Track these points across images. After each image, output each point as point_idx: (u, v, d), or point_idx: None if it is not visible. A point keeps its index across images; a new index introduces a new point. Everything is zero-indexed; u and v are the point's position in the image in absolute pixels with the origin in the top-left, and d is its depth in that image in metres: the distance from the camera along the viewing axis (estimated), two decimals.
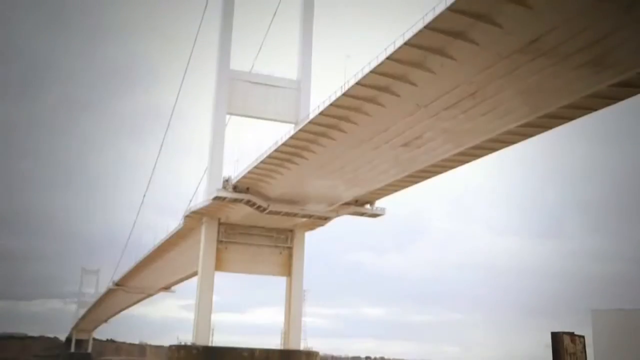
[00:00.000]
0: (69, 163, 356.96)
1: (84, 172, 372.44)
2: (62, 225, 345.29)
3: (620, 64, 25.97)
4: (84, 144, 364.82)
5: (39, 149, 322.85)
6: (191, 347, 51.06)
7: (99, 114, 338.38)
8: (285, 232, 56.01)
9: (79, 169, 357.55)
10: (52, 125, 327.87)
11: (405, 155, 38.44)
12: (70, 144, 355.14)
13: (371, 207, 51.80)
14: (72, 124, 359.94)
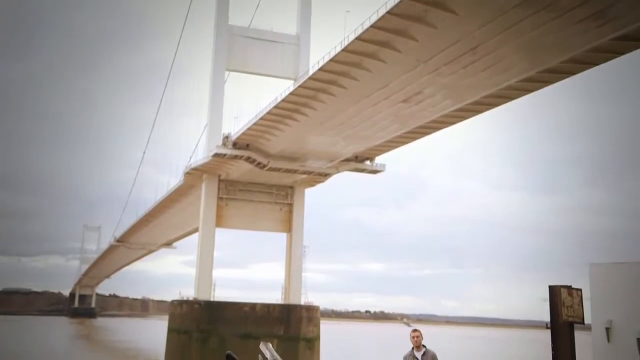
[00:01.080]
0: (69, 122, 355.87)
1: (84, 131, 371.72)
2: (63, 183, 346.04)
3: (622, 17, 25.69)
4: (82, 103, 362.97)
5: (38, 108, 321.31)
6: (193, 302, 51.77)
7: (97, 72, 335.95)
8: (285, 188, 56.19)
9: (79, 127, 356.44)
10: (51, 84, 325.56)
11: (405, 111, 38.34)
12: (69, 103, 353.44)
13: (371, 164, 51.87)
14: (70, 83, 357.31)
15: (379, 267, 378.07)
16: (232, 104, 53.54)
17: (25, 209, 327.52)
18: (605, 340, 8.81)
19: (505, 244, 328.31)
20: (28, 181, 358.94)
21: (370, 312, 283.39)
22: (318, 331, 52.52)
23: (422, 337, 10.03)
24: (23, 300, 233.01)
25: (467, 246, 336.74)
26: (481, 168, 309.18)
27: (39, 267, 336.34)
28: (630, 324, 8.62)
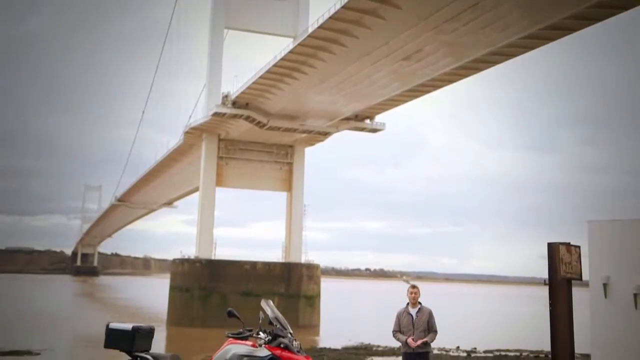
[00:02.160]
0: (68, 83, 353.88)
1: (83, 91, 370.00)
2: (63, 144, 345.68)
3: None
4: (81, 64, 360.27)
5: (37, 69, 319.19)
6: (194, 261, 52.22)
7: (96, 34, 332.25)
8: (285, 147, 56.14)
9: (78, 88, 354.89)
10: (51, 46, 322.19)
11: (406, 69, 38.08)
12: (68, 64, 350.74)
13: (371, 122, 51.72)
14: (69, 44, 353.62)
15: (378, 226, 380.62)
16: (231, 63, 53.12)
17: (26, 168, 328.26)
18: (603, 296, 8.93)
19: (503, 202, 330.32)
20: (28, 141, 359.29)
21: (370, 269, 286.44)
22: (318, 289, 53.10)
23: (419, 294, 9.86)
24: (26, 259, 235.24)
25: (466, 204, 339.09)
26: (479, 127, 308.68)
27: (40, 226, 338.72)
28: (627, 280, 8.72)
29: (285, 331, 7.05)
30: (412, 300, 9.77)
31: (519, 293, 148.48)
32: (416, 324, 9.62)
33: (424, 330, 9.60)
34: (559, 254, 9.54)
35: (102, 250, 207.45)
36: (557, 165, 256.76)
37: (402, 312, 9.84)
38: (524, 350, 33.24)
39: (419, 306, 9.79)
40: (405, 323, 9.70)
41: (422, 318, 9.68)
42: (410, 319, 9.69)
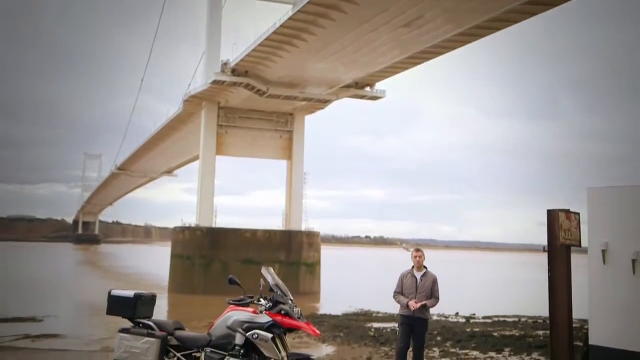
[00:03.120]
0: (66, 51, 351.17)
1: (81, 60, 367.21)
2: (62, 112, 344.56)
3: None
4: (80, 32, 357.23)
5: (36, 37, 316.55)
6: (195, 229, 52.45)
7: (94, 1, 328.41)
8: (285, 115, 55.98)
9: (76, 56, 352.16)
10: (50, 14, 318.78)
11: (406, 36, 37.77)
12: (67, 33, 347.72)
13: (371, 90, 51.49)
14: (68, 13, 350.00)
15: (378, 193, 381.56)
16: (230, 30, 52.67)
17: (26, 137, 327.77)
18: (601, 262, 8.98)
19: (502, 169, 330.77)
20: (28, 110, 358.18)
21: (370, 237, 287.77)
22: (319, 256, 53.43)
23: (424, 257, 9.69)
24: (27, 227, 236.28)
25: (465, 172, 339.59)
26: (478, 95, 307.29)
27: (41, 195, 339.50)
28: (626, 246, 8.76)
29: (285, 298, 7.11)
30: (417, 263, 9.56)
31: (518, 260, 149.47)
32: (419, 287, 9.44)
33: (426, 295, 9.43)
34: (558, 221, 9.58)
35: (103, 219, 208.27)
36: (556, 133, 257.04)
37: (406, 274, 9.61)
38: (522, 316, 33.56)
39: (425, 270, 9.59)
40: (408, 285, 9.49)
41: (426, 283, 9.50)
42: (414, 281, 9.49)
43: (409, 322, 9.42)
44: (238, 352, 6.85)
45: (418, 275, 9.54)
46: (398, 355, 9.48)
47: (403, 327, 9.50)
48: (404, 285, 9.51)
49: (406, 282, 9.51)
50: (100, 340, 24.09)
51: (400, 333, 9.60)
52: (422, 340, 9.56)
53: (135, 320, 7.18)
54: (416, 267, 9.60)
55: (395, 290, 9.62)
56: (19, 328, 27.53)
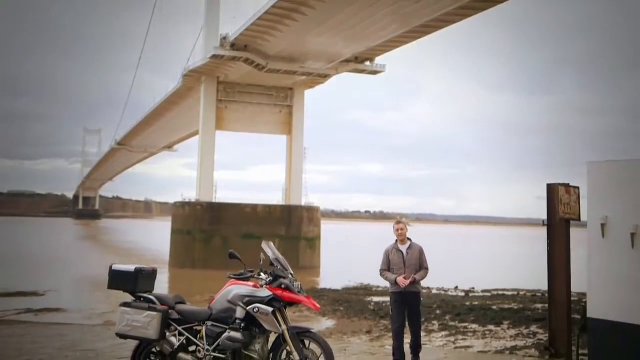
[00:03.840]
0: (65, 26, 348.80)
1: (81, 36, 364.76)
2: (62, 87, 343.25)
3: None
4: (78, 8, 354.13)
5: (35, 13, 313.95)
6: (195, 204, 52.55)
7: None
8: (285, 90, 55.77)
9: (75, 31, 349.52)
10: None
11: (406, 9, 37.48)
12: (66, 9, 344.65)
13: (371, 64, 51.22)
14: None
15: (378, 168, 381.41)
16: (229, 4, 52.21)
17: (25, 112, 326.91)
18: (600, 236, 9.00)
19: (501, 144, 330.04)
20: (27, 85, 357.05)
21: (370, 212, 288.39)
22: (319, 231, 53.60)
23: (407, 229, 9.09)
24: (28, 203, 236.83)
25: (464, 147, 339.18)
26: (478, 70, 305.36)
27: (41, 170, 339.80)
28: (625, 220, 8.78)
29: (286, 272, 7.14)
30: (400, 237, 9.02)
31: (517, 234, 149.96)
32: (407, 261, 8.92)
33: (415, 268, 8.92)
34: (558, 195, 9.59)
35: (103, 194, 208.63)
36: (556, 107, 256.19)
37: (391, 249, 9.09)
38: (521, 289, 33.76)
39: (409, 243, 9.06)
40: (395, 260, 8.97)
41: (413, 255, 8.98)
42: (400, 255, 8.97)
43: (402, 298, 8.95)
44: (239, 325, 6.90)
45: (403, 248, 9.02)
46: (395, 336, 9.02)
47: (396, 305, 9.02)
48: (390, 261, 9.03)
49: (392, 258, 9.02)
50: (102, 314, 24.28)
51: (394, 312, 9.11)
52: (418, 315, 9.12)
53: (136, 295, 7.22)
54: (400, 241, 9.07)
55: (382, 268, 9.14)
56: (22, 302, 27.74)
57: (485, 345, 18.69)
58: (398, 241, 9.04)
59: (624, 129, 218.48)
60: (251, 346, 6.94)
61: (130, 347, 7.43)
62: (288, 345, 6.92)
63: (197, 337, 7.09)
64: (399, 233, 8.99)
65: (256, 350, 6.93)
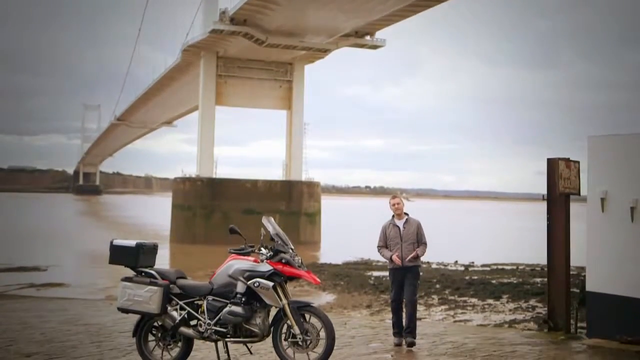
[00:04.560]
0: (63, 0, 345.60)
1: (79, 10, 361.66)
2: (60, 62, 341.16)
3: None
4: None
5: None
6: (195, 179, 52.59)
7: None
8: (285, 65, 55.47)
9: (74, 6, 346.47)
10: None
11: None
12: None
13: (371, 39, 50.88)
14: None
15: (378, 143, 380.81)
16: None
17: (24, 87, 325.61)
18: (600, 210, 9.02)
19: (502, 119, 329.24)
20: (26, 60, 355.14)
21: (370, 187, 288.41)
22: (319, 206, 53.70)
23: (403, 203, 8.87)
24: (28, 178, 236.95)
25: (464, 122, 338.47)
26: (478, 45, 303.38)
27: (41, 146, 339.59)
28: (625, 194, 8.79)
29: (286, 247, 7.17)
30: (396, 211, 8.80)
31: (517, 209, 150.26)
32: (404, 236, 8.70)
33: (412, 242, 8.69)
34: (558, 169, 9.59)
35: (103, 170, 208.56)
36: (556, 82, 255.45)
37: (388, 224, 8.88)
38: (520, 264, 33.94)
39: (406, 217, 8.84)
40: (392, 236, 8.75)
41: (410, 230, 8.74)
42: (397, 231, 8.75)
43: (399, 274, 8.77)
44: (239, 300, 6.95)
45: (400, 223, 8.79)
46: (394, 312, 8.85)
47: (394, 281, 8.88)
48: (387, 237, 8.81)
49: (389, 233, 8.79)
50: (104, 289, 24.45)
51: (392, 289, 8.97)
52: (414, 289, 8.80)
53: (137, 270, 7.26)
54: (396, 216, 8.85)
55: (379, 244, 8.88)
56: (24, 277, 27.92)
57: (484, 319, 18.84)
58: (395, 216, 8.85)
59: (625, 102, 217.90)
60: (252, 320, 6.99)
61: (132, 321, 7.49)
62: (288, 319, 6.98)
63: (198, 312, 7.14)
64: (395, 208, 8.80)
65: (257, 324, 6.99)
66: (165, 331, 7.23)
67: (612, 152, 9.12)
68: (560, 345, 8.78)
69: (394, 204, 8.81)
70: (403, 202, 8.89)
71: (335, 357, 7.38)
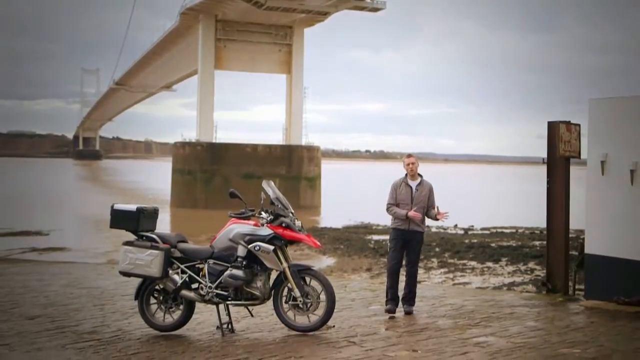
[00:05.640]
0: None
1: None
2: (58, 26, 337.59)
3: None
4: None
5: None
6: (195, 144, 52.55)
7: None
8: (285, 28, 54.94)
9: None
10: None
11: None
12: None
13: (371, 1, 50.31)
14: None
15: (377, 107, 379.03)
16: None
17: (22, 51, 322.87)
18: (600, 173, 9.02)
19: (501, 82, 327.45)
20: (23, 24, 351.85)
21: (370, 151, 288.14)
22: (319, 170, 53.75)
23: (418, 164, 8.35)
24: (28, 143, 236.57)
25: (464, 85, 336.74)
26: (477, 7, 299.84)
27: (41, 111, 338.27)
28: (625, 156, 8.78)
29: (286, 211, 7.18)
30: (411, 171, 8.25)
31: (516, 172, 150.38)
32: (415, 198, 8.20)
33: (423, 207, 8.20)
34: (558, 132, 9.56)
35: (103, 134, 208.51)
36: (557, 45, 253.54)
37: (400, 183, 8.32)
38: (519, 227, 34.10)
39: (420, 179, 8.31)
40: (403, 196, 8.22)
41: (422, 192, 8.26)
42: (409, 191, 8.23)
43: (403, 236, 8.25)
44: (240, 263, 6.98)
45: (413, 184, 8.25)
46: (390, 274, 8.33)
47: (395, 242, 8.33)
48: (398, 197, 8.24)
49: (400, 193, 8.23)
50: (106, 253, 24.61)
51: (392, 250, 8.38)
52: (417, 256, 8.39)
53: (138, 234, 7.28)
54: (410, 176, 8.27)
55: (389, 202, 8.30)
56: (26, 241, 28.10)
57: (483, 282, 19.02)
58: (408, 176, 8.29)
59: (626, 65, 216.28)
60: (253, 283, 7.05)
61: (133, 285, 7.55)
62: (289, 282, 7.03)
63: (199, 275, 7.19)
64: (409, 168, 8.23)
65: (258, 287, 7.04)
66: (167, 294, 7.29)
67: (613, 115, 9.09)
68: (558, 307, 8.87)
69: (408, 163, 8.25)
70: (418, 163, 8.35)
71: (336, 319, 7.47)
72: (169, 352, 6.45)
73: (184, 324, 7.33)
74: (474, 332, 7.20)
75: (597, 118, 9.14)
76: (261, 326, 7.54)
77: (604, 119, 9.11)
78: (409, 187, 8.26)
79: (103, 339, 6.95)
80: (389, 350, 6.43)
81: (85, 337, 7.05)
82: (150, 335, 7.15)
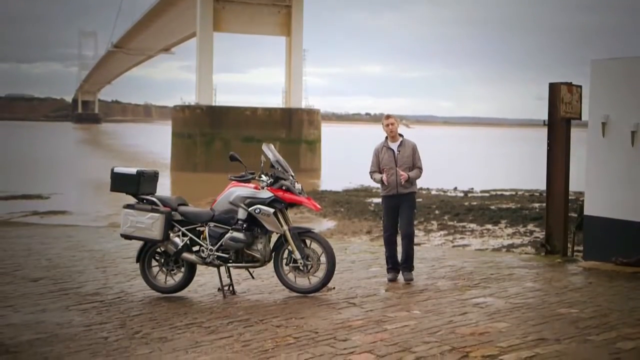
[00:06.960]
0: None
1: None
2: None
3: None
4: None
5: None
6: (195, 107, 52.31)
7: None
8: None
9: None
10: None
11: None
12: None
13: None
14: None
15: (377, 70, 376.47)
16: None
17: (17, 13, 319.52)
18: (601, 134, 9.00)
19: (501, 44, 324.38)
20: None
21: (370, 114, 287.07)
22: (319, 133, 53.60)
23: (397, 124, 8.07)
24: (27, 107, 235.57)
25: (464, 47, 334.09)
26: None
27: (39, 74, 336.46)
28: (626, 118, 8.76)
29: (286, 174, 7.19)
30: (391, 133, 7.96)
31: (517, 135, 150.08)
32: (399, 160, 7.87)
33: (408, 167, 7.88)
34: (560, 94, 9.52)
35: (102, 98, 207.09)
36: (558, 4, 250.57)
37: (381, 147, 8.00)
38: (519, 189, 34.15)
39: (401, 139, 7.99)
40: (386, 160, 7.92)
41: (405, 153, 7.93)
42: (391, 154, 7.92)
43: (393, 202, 7.97)
44: (241, 226, 7.02)
45: (394, 146, 7.93)
46: (387, 245, 8.05)
47: (387, 210, 8.08)
48: (380, 161, 7.95)
49: (382, 157, 7.94)
50: (107, 216, 24.69)
51: (385, 218, 8.17)
52: (409, 217, 7.99)
53: (139, 197, 7.30)
54: (390, 138, 7.98)
55: (371, 169, 8.06)
56: (27, 205, 28.19)
57: (482, 244, 19.14)
58: (388, 138, 8.01)
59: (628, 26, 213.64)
60: (253, 246, 7.09)
61: (135, 248, 7.60)
62: (289, 245, 7.07)
63: (200, 238, 7.23)
64: (389, 129, 7.97)
65: (258, 250, 7.09)
66: (168, 257, 7.34)
67: (615, 76, 9.03)
68: (556, 268, 8.94)
69: (387, 124, 7.99)
70: (398, 123, 8.09)
71: (336, 281, 7.53)
72: (171, 314, 6.52)
73: (186, 286, 7.40)
74: (473, 293, 7.27)
75: (598, 79, 9.09)
76: (262, 288, 7.61)
77: (605, 80, 9.06)
78: (391, 149, 7.96)
79: (106, 301, 7.03)
80: (389, 311, 6.50)
81: (89, 298, 7.12)
82: (152, 297, 7.23)
